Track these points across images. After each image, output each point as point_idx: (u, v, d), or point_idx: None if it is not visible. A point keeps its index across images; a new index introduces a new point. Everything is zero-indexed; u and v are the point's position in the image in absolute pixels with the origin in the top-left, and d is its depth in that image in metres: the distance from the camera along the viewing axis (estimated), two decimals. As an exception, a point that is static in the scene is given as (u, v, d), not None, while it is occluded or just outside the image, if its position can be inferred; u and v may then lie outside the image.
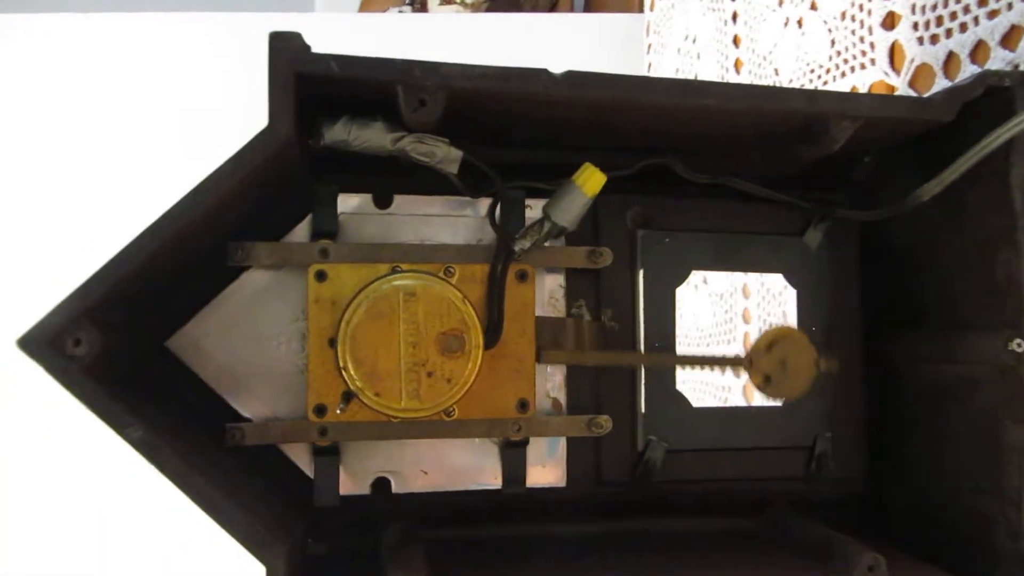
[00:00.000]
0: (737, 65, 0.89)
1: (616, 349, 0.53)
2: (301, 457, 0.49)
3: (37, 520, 1.13)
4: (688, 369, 0.54)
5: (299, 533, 0.45)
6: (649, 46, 1.14)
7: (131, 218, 0.41)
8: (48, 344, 0.37)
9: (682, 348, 0.56)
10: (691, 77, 0.99)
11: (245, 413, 0.49)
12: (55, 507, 1.13)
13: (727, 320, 0.91)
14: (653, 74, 1.10)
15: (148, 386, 0.46)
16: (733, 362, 0.51)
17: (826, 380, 0.56)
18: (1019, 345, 0.45)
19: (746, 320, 0.88)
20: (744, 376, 0.52)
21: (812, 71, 0.74)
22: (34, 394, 1.09)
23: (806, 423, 0.55)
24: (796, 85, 0.75)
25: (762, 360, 0.50)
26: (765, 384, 0.50)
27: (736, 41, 0.89)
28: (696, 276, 0.99)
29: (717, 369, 0.54)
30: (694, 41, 0.99)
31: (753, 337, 0.87)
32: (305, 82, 0.41)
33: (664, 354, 0.54)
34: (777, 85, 0.78)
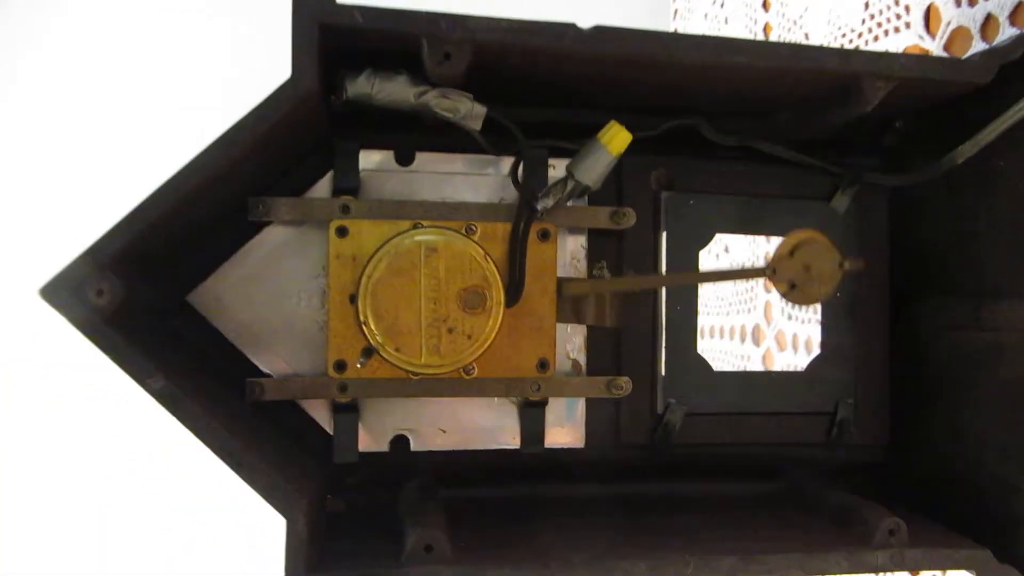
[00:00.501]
0: (766, 30, 0.87)
1: (637, 320, 0.53)
2: (320, 414, 0.50)
3: (37, 520, 1.14)
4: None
5: (318, 488, 0.45)
6: (676, 11, 1.12)
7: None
8: (71, 293, 0.37)
9: (703, 316, 0.56)
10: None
11: (265, 369, 0.49)
12: (55, 507, 1.15)
13: (748, 289, 0.90)
14: (678, 39, 1.08)
15: (169, 339, 0.46)
16: (757, 273, 0.50)
17: (849, 349, 0.55)
18: (1050, 311, 0.44)
19: (767, 289, 0.87)
20: (763, 342, 0.51)
21: (844, 35, 0.72)
22: (34, 394, 1.10)
23: (828, 389, 0.55)
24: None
25: (785, 266, 0.49)
26: (790, 291, 0.49)
27: (766, 5, 0.87)
28: (718, 245, 0.98)
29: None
30: (722, 5, 0.98)
31: (774, 306, 0.86)
32: (329, 34, 0.40)
33: (685, 272, 0.53)
34: (807, 48, 0.77)
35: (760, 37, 0.87)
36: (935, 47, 0.60)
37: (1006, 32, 0.53)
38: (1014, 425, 0.46)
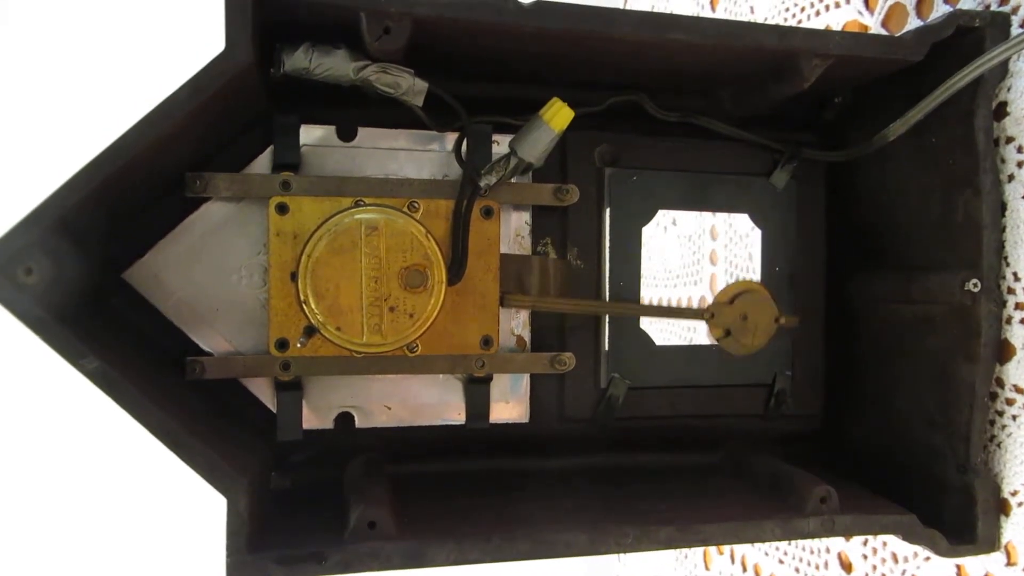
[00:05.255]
0: (713, 3, 0.87)
1: (581, 293, 0.53)
2: (263, 391, 0.49)
3: (36, 520, 1.12)
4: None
5: (261, 466, 0.45)
6: (625, -17, 1.11)
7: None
8: (-2, 272, 0.36)
9: (648, 288, 0.56)
10: (666, 15, 0.97)
11: (206, 347, 0.48)
12: (54, 507, 1.13)
13: (695, 261, 0.91)
14: (628, 12, 1.08)
15: (105, 318, 0.45)
16: (695, 314, 0.51)
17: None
18: (975, 285, 0.45)
19: (713, 262, 0.88)
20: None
21: (787, 10, 0.73)
22: (34, 393, 1.07)
23: (767, 362, 0.56)
24: (771, 23, 0.74)
25: (724, 313, 0.50)
26: (724, 337, 0.51)
27: (712, -22, 0.87)
28: (665, 217, 0.99)
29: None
30: (670, -22, 0.97)
31: (719, 279, 0.87)
32: (264, 6, 0.39)
33: (627, 304, 0.54)
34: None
35: (707, 12, 0.88)
36: (873, 23, 0.61)
37: (940, 10, 0.54)
38: (940, 395, 0.48)
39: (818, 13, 0.68)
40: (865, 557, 0.58)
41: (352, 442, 0.51)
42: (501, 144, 0.50)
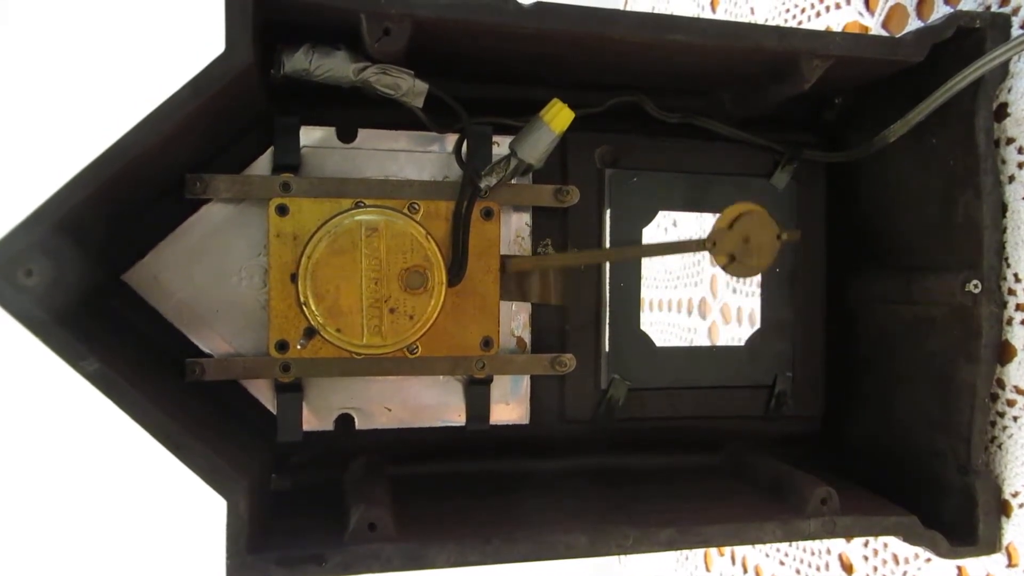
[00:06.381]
0: (713, 4, 0.87)
1: (581, 294, 0.53)
2: (263, 393, 0.49)
3: (37, 522, 1.12)
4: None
5: (261, 468, 0.45)
6: (625, -16, 1.11)
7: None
8: (-1, 274, 0.36)
9: (648, 289, 0.56)
10: (666, 16, 0.97)
11: (206, 349, 0.48)
12: (54, 508, 1.12)
13: (695, 263, 0.91)
14: (628, 13, 1.08)
15: (105, 320, 0.45)
16: (697, 245, 0.50)
17: (788, 323, 0.56)
18: (976, 286, 0.45)
19: (712, 263, 0.88)
20: (709, 315, 0.52)
21: (788, 11, 0.73)
22: (34, 395, 1.07)
23: (767, 362, 0.56)
24: (772, 24, 0.74)
25: (725, 238, 0.49)
26: (730, 263, 0.50)
27: (712, -21, 0.87)
28: (666, 218, 0.99)
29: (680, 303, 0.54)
30: (670, -21, 0.97)
31: (720, 280, 0.87)
32: (264, 7, 0.39)
33: (628, 247, 0.53)
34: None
35: (707, 13, 0.88)
36: (874, 24, 0.61)
37: (941, 10, 0.54)
38: (941, 396, 0.48)
39: (818, 14, 0.68)
40: (866, 558, 0.58)
41: (352, 443, 0.51)
42: (501, 145, 0.50)
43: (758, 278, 0.56)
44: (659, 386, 0.55)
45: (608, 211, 0.54)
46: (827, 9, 0.67)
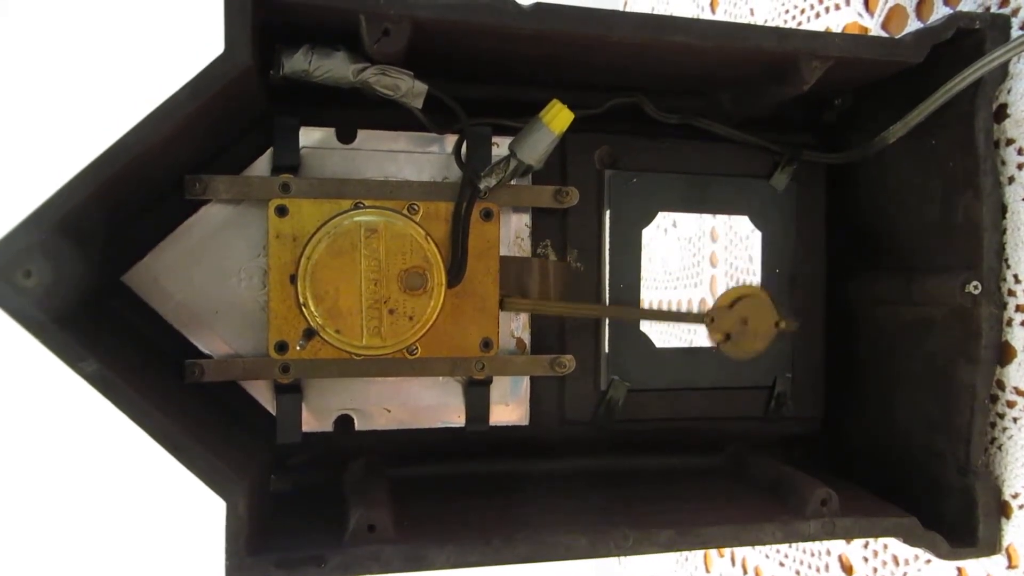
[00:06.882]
0: (713, 5, 0.87)
1: (581, 295, 0.53)
2: (263, 394, 0.49)
3: (36, 522, 1.12)
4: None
5: (261, 469, 0.45)
6: (625, -15, 1.11)
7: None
8: (-2, 275, 0.36)
9: (648, 290, 0.56)
10: (665, 17, 0.97)
11: (205, 350, 0.48)
12: (54, 509, 1.12)
13: (695, 263, 0.91)
14: (627, 13, 1.08)
15: (104, 321, 0.45)
16: (696, 318, 0.51)
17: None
18: (975, 287, 0.45)
19: (713, 263, 0.88)
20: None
21: (787, 11, 0.73)
22: (33, 396, 1.07)
23: (767, 364, 0.56)
24: (771, 25, 0.74)
25: (724, 317, 0.50)
26: (725, 341, 0.51)
27: (711, -20, 0.87)
28: (666, 219, 0.99)
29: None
30: (670, -20, 0.97)
31: (720, 281, 0.87)
32: (263, 8, 0.39)
33: (627, 308, 0.54)
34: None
35: (706, 14, 0.88)
36: (873, 24, 0.61)
37: (940, 11, 0.54)
38: (941, 397, 0.48)
39: (818, 15, 0.68)
40: (866, 560, 0.58)
41: (352, 444, 0.51)
42: (501, 146, 0.50)
43: (757, 278, 0.56)
44: (659, 387, 0.55)
45: (607, 212, 0.54)
46: (827, 10, 0.67)
